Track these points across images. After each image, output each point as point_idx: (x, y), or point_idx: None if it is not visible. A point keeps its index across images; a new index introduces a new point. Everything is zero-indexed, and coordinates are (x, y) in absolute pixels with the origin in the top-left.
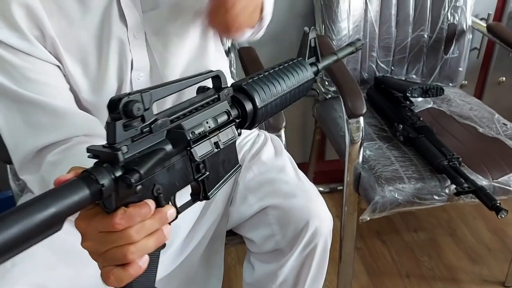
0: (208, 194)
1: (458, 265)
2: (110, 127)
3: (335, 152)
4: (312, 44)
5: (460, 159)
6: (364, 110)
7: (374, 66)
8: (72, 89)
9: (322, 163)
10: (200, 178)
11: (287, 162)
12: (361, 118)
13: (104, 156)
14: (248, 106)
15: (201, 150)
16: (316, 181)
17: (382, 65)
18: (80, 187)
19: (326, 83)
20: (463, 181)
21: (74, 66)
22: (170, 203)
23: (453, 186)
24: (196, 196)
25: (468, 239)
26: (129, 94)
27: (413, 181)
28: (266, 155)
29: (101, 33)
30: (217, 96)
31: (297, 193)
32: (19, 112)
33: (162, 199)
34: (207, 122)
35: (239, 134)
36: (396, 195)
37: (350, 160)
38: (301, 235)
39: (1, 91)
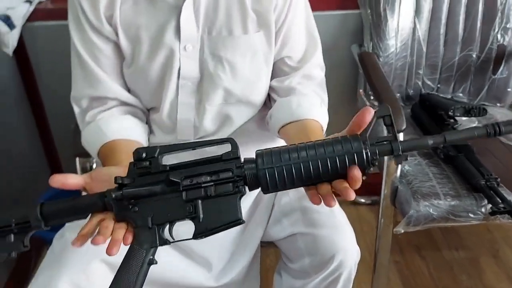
0: (197, 234)
1: (497, 287)
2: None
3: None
4: (388, 123)
5: (499, 179)
6: (404, 127)
7: (420, 83)
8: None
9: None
10: (189, 217)
11: None
12: (401, 134)
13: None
14: (250, 166)
15: (191, 194)
16: (358, 192)
17: (428, 82)
18: (96, 199)
19: (372, 97)
20: (500, 201)
21: (127, 46)
22: (166, 229)
23: (489, 206)
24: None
25: (510, 260)
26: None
27: (449, 198)
28: None
29: (157, 35)
30: (220, 156)
31: (326, 224)
32: (82, 72)
33: (149, 222)
34: (207, 175)
35: (242, 194)
36: (431, 211)
37: (388, 173)
38: (326, 265)
39: (77, 55)
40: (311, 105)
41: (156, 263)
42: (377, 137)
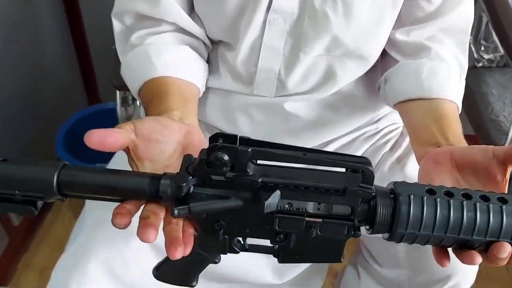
0: (279, 260)
1: None
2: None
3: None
4: None
5: None
6: None
7: None
8: None
9: None
10: (277, 243)
11: None
12: None
13: (177, 178)
14: (384, 200)
15: (285, 224)
16: None
17: None
18: (144, 186)
19: (482, 48)
20: None
21: None
22: (238, 243)
23: None
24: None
25: None
26: (225, 139)
27: None
28: (412, 168)
29: None
30: (343, 188)
31: None
32: None
33: (220, 235)
34: (317, 203)
35: (356, 236)
36: None
37: None
38: (433, 287)
39: None
40: (448, 78)
41: (219, 262)
42: None
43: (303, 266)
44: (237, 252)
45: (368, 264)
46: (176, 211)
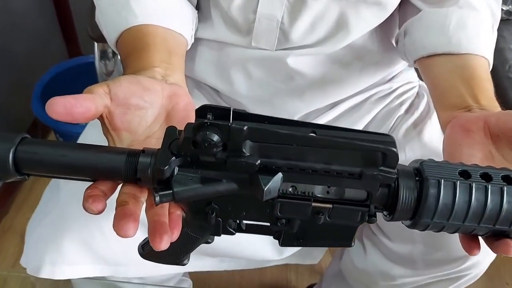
0: (280, 244)
1: None
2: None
3: None
4: None
5: None
6: None
7: None
8: None
9: None
10: (278, 227)
11: None
12: None
13: (158, 158)
14: (407, 182)
15: (287, 208)
16: None
17: None
18: (119, 165)
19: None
20: None
21: None
22: (234, 223)
23: None
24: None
25: None
26: (215, 114)
27: None
28: (430, 134)
29: None
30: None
31: None
32: None
33: (212, 219)
34: (325, 186)
35: (371, 222)
36: None
37: None
38: (450, 265)
39: None
40: (479, 30)
41: (212, 242)
42: None
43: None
44: (233, 234)
45: (376, 237)
46: (157, 198)
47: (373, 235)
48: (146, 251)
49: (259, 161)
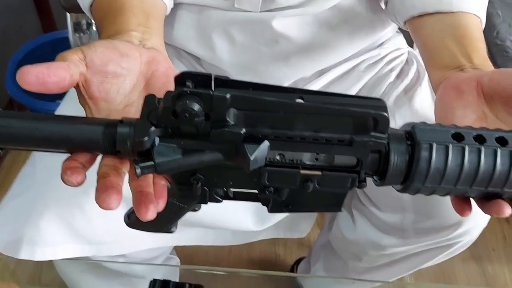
0: (269, 210)
1: None
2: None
3: None
4: None
5: None
6: None
7: None
8: None
9: None
10: (266, 195)
11: None
12: None
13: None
14: (398, 146)
15: (274, 177)
16: None
17: None
18: (97, 137)
19: None
20: None
21: None
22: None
23: None
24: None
25: None
26: (195, 81)
27: None
28: (421, 100)
29: None
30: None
31: None
32: None
33: (198, 189)
34: (315, 153)
35: (361, 187)
36: None
37: None
38: (441, 233)
39: None
40: None
41: (199, 210)
42: None
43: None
44: (220, 201)
45: (365, 207)
46: (138, 170)
47: (362, 205)
48: (132, 220)
49: (244, 130)
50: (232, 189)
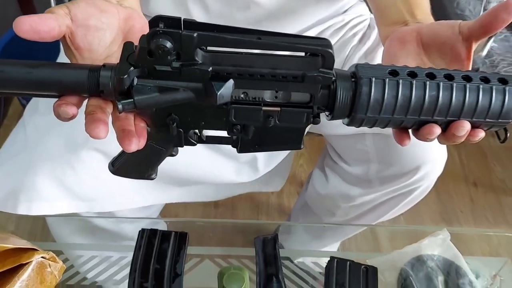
0: (238, 150)
1: None
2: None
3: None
4: None
5: None
6: None
7: None
8: None
9: None
10: (234, 134)
11: None
12: None
13: (117, 70)
14: (344, 83)
15: (242, 116)
16: None
17: None
18: (83, 79)
19: None
20: None
21: None
22: (195, 135)
23: None
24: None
25: None
26: (167, 23)
27: None
28: (381, 61)
29: None
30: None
31: None
32: None
33: (173, 129)
34: (274, 91)
35: (315, 123)
36: None
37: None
38: (402, 178)
39: None
40: None
41: (176, 154)
42: None
43: (267, 168)
44: (194, 145)
45: (336, 164)
46: (120, 106)
47: (333, 163)
48: (116, 166)
49: (211, 68)
50: (204, 134)
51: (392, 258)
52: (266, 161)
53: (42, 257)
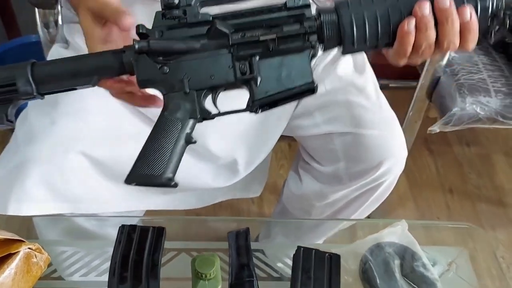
0: (255, 100)
1: (508, 187)
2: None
3: None
4: None
5: None
6: None
7: None
8: None
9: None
10: (244, 78)
11: (369, 81)
12: None
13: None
14: (328, 16)
15: (242, 48)
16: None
17: None
18: (110, 57)
19: None
20: None
21: None
22: (209, 98)
23: None
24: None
25: None
26: None
27: (500, 96)
28: (344, 68)
29: None
30: (284, 4)
31: (375, 125)
32: None
33: (186, 86)
34: (266, 28)
35: (314, 53)
36: (478, 109)
37: (432, 59)
38: (368, 174)
39: None
40: None
41: (195, 142)
42: None
43: (247, 170)
44: (211, 117)
45: (308, 165)
46: (137, 45)
47: (306, 164)
48: (132, 170)
49: (211, 17)
50: (219, 109)
51: (355, 247)
52: (247, 163)
53: (29, 248)
